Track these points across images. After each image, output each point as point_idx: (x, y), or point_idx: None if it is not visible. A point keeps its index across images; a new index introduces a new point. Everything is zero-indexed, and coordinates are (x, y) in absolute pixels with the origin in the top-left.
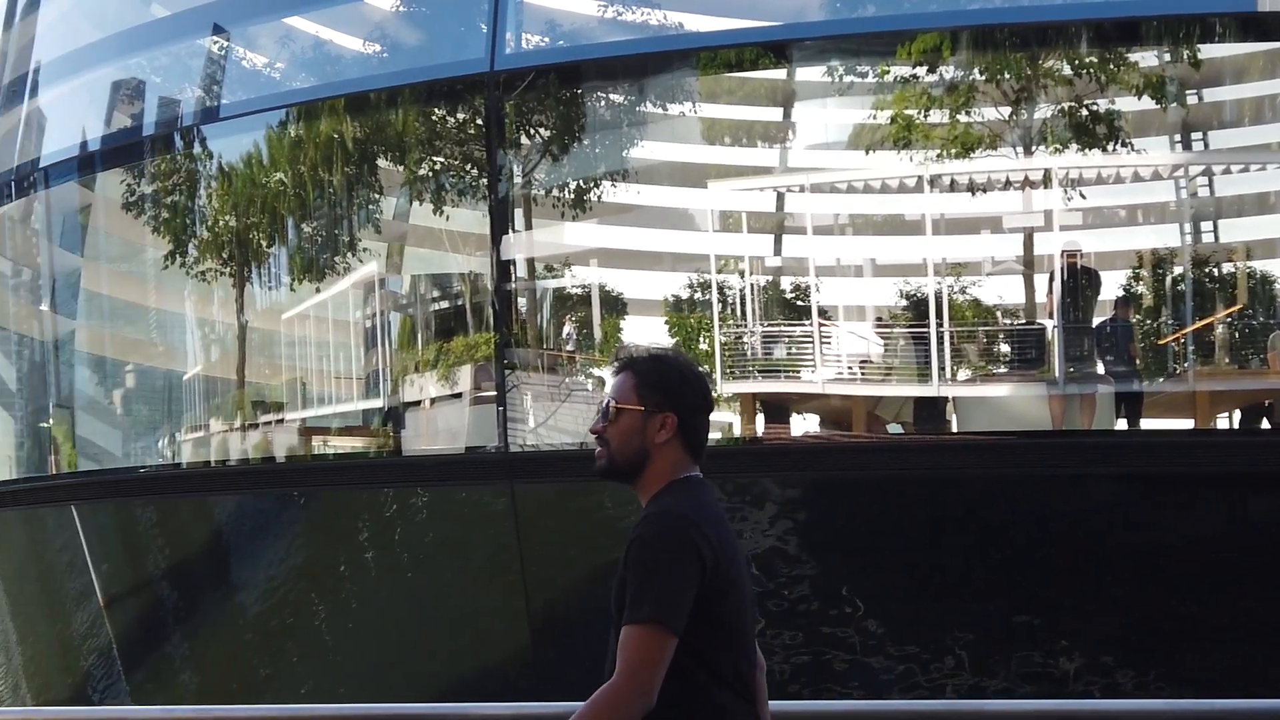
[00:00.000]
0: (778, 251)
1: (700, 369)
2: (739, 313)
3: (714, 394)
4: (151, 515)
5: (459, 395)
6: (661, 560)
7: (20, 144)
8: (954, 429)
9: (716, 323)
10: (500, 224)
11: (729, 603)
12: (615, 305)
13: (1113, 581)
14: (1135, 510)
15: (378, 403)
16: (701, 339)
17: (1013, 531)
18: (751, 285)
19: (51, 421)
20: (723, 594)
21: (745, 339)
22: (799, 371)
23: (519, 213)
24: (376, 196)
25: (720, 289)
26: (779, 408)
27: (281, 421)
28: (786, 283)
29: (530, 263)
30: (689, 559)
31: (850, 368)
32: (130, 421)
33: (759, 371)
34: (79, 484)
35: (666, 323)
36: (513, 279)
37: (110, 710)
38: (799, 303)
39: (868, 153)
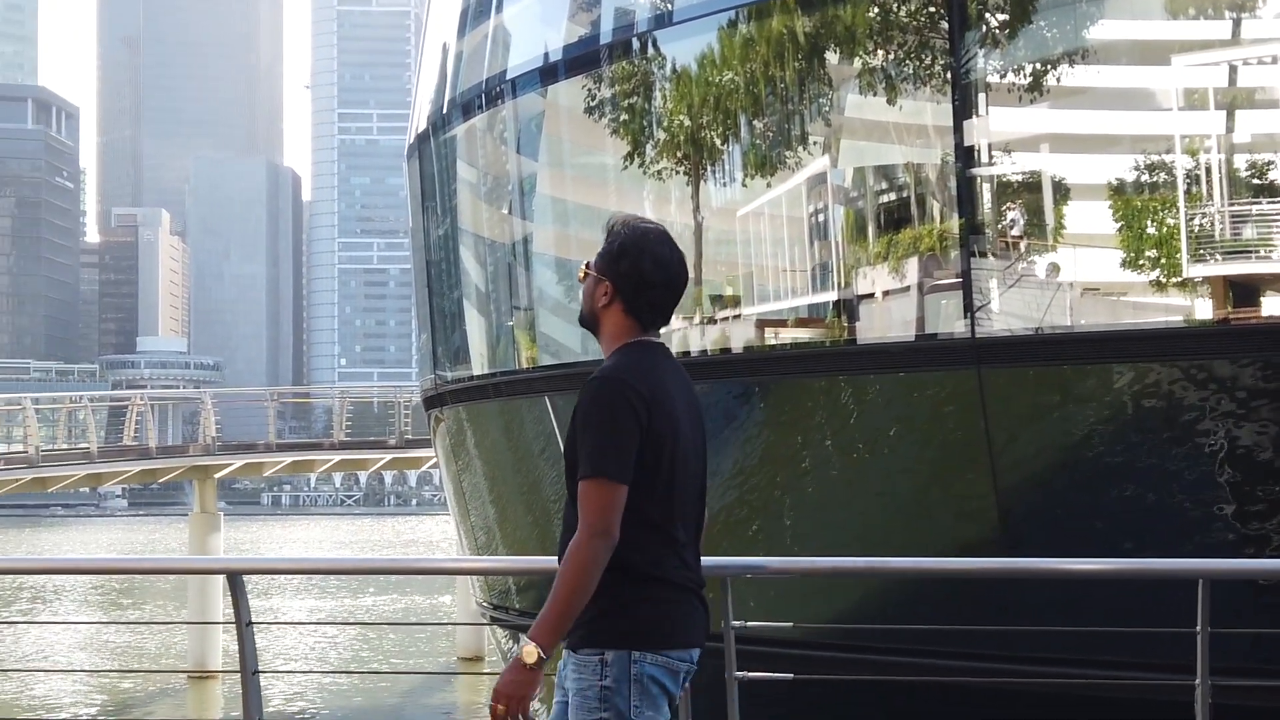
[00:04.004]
0: (1246, 128)
1: (664, 249)
2: (1203, 194)
3: (676, 274)
4: None
5: (907, 287)
6: (605, 419)
7: (488, 59)
8: None
9: (1182, 205)
10: (963, 110)
11: (661, 460)
12: (1063, 190)
13: None
14: None
15: (830, 295)
16: (1149, 222)
17: None
18: (1217, 164)
19: (515, 320)
20: (656, 452)
21: (1210, 220)
22: (1270, 251)
23: (978, 98)
24: (826, 90)
25: (1183, 170)
26: (1249, 289)
27: (738, 316)
28: (1256, 160)
29: (988, 148)
30: (627, 416)
31: None
32: None
33: (1226, 253)
34: (554, 376)
35: (1112, 206)
36: (976, 165)
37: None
38: (1269, 180)
39: None
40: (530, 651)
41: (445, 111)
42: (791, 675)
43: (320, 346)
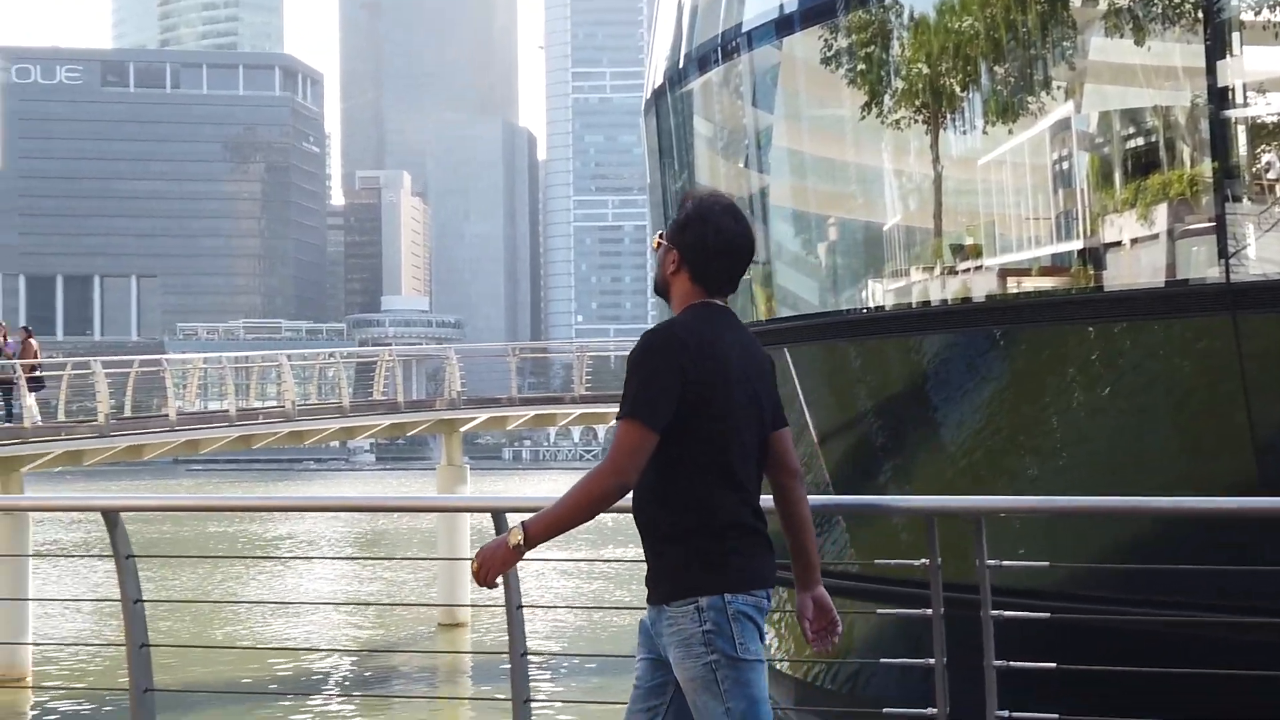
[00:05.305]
0: None
1: (728, 219)
2: None
3: (740, 243)
4: (859, 356)
5: (1156, 233)
6: (643, 368)
7: (723, 12)
8: None
9: None
10: (1216, 50)
11: (712, 409)
12: None
13: None
14: None
15: (1075, 243)
16: None
17: None
18: None
19: (752, 273)
20: (704, 401)
21: None
22: None
23: (1232, 37)
24: (1070, 34)
25: None
26: None
27: (979, 267)
28: None
29: (1242, 89)
30: (668, 369)
31: None
32: (828, 270)
33: None
34: (792, 327)
35: None
36: (1230, 106)
37: None
38: None
39: None
40: (515, 534)
41: (681, 66)
42: (1048, 614)
43: (557, 304)
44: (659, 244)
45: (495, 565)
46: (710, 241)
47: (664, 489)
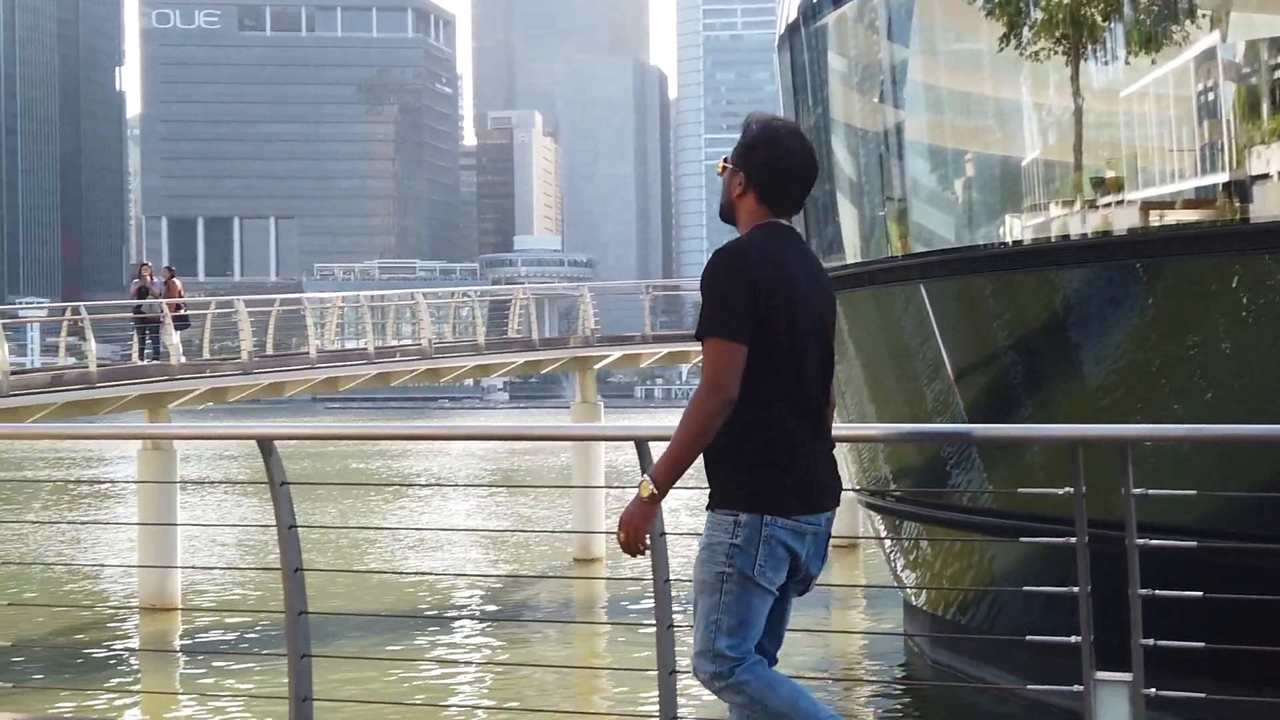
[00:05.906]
0: None
1: (795, 141)
2: None
3: (805, 164)
4: (996, 292)
5: None
6: (718, 285)
7: None
8: None
9: None
10: None
11: (779, 324)
12: None
13: None
14: None
15: (1220, 176)
16: None
17: None
18: None
19: (887, 210)
20: (772, 316)
21: None
22: None
23: None
24: None
25: None
26: None
27: (1120, 201)
28: None
29: None
30: (740, 283)
31: None
32: (964, 205)
33: None
34: (927, 264)
35: None
36: None
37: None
38: None
39: None
40: (645, 485)
41: (815, 1)
42: (1195, 543)
43: (688, 242)
44: (724, 168)
45: (637, 522)
46: (778, 162)
47: (735, 407)
